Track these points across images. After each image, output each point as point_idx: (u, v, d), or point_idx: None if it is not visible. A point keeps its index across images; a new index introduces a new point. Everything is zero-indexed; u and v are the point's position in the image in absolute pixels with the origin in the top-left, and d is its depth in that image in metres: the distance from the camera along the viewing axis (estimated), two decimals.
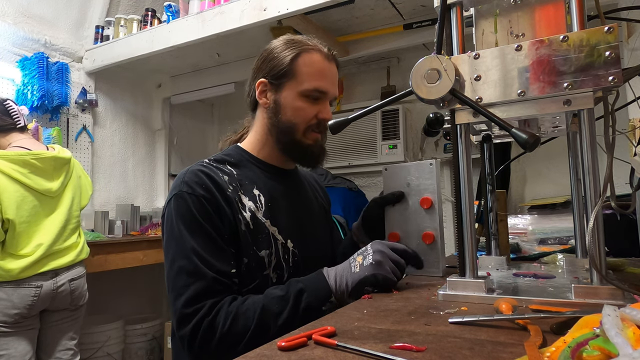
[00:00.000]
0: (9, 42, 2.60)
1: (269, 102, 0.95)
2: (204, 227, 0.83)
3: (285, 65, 0.91)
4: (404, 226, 0.98)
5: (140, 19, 2.88)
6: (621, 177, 1.03)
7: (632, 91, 0.98)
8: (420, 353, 0.46)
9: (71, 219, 1.96)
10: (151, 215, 3.17)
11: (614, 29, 0.61)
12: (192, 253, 0.81)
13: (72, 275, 1.91)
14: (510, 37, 0.73)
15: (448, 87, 0.68)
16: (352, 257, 0.82)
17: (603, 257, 0.62)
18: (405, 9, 2.55)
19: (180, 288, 0.80)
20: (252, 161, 0.98)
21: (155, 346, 3.02)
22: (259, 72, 0.96)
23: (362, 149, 3.20)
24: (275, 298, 0.78)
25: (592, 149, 0.63)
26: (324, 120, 0.93)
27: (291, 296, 0.78)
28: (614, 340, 0.31)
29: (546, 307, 0.60)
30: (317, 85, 0.92)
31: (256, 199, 0.91)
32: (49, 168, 1.87)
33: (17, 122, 1.92)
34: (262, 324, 0.76)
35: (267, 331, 0.75)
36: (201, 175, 0.87)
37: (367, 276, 0.77)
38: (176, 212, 0.85)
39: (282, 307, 0.77)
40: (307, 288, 0.79)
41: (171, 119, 3.68)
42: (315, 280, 0.81)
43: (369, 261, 0.79)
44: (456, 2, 0.73)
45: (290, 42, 0.94)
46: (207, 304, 0.79)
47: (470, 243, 0.71)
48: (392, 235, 0.99)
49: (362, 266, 0.79)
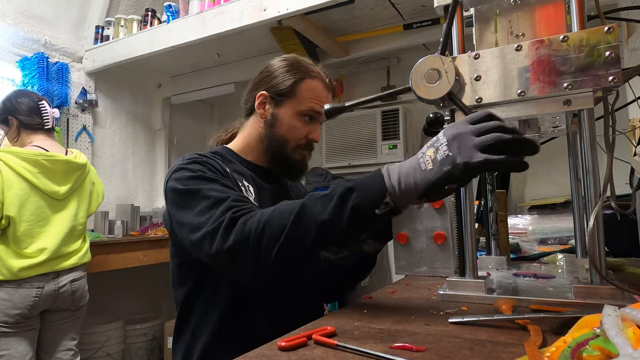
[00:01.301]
0: (9, 42, 2.60)
1: (267, 114, 0.99)
2: (212, 177, 0.83)
3: (288, 85, 0.96)
4: (413, 226, 0.94)
5: (140, 19, 2.88)
6: (621, 177, 1.03)
7: (632, 91, 0.98)
8: (420, 353, 0.46)
9: (77, 225, 1.95)
10: (151, 215, 3.17)
11: (613, 29, 0.61)
12: (206, 194, 0.78)
13: (74, 276, 1.91)
14: (510, 37, 0.73)
15: (447, 88, 0.68)
16: (420, 150, 0.64)
17: (603, 257, 0.62)
18: (405, 9, 2.55)
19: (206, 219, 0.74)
20: (240, 161, 1.01)
21: (155, 346, 3.02)
22: (261, 84, 1.00)
23: (362, 149, 3.20)
24: (319, 197, 0.68)
25: (592, 149, 0.63)
26: (313, 141, 0.99)
27: (336, 194, 0.65)
28: (614, 340, 0.31)
29: (546, 307, 0.60)
30: (314, 106, 0.97)
31: (246, 189, 0.94)
32: (60, 171, 1.87)
33: (46, 123, 1.94)
34: (300, 221, 0.66)
35: (308, 230, 0.65)
36: (198, 155, 0.90)
37: (444, 173, 0.59)
38: (179, 181, 0.83)
39: (324, 206, 0.65)
40: (357, 186, 0.65)
41: (171, 119, 3.68)
42: (369, 178, 0.67)
43: (445, 153, 0.59)
44: (456, 2, 0.73)
45: (297, 64, 0.99)
46: (233, 211, 0.72)
47: (470, 243, 0.71)
48: (400, 235, 0.96)
49: (436, 160, 0.60)
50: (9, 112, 1.90)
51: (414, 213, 0.93)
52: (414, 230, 0.94)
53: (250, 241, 0.67)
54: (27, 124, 1.91)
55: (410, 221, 0.94)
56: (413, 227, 0.94)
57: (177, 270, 0.94)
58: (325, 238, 0.66)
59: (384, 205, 0.63)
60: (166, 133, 3.63)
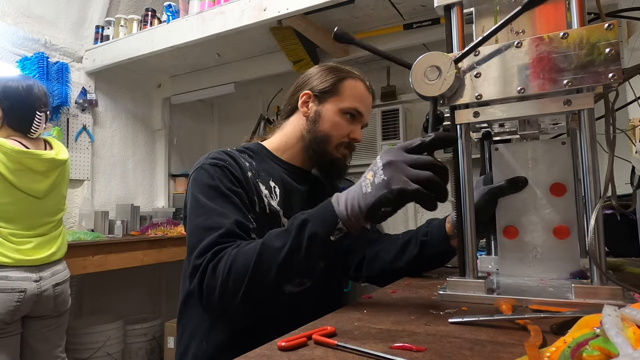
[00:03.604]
0: (9, 42, 2.60)
1: (310, 111, 1.01)
2: (224, 191, 0.84)
3: (331, 84, 1.00)
4: (525, 218, 0.81)
5: (140, 19, 2.88)
6: (620, 177, 1.03)
7: (632, 91, 0.98)
8: (420, 353, 0.46)
9: (55, 215, 1.89)
10: (151, 215, 3.17)
11: (613, 25, 0.60)
12: (210, 211, 0.81)
13: (57, 280, 1.85)
14: (510, 34, 0.73)
15: (445, 87, 0.68)
16: (363, 175, 0.68)
17: (603, 257, 0.62)
18: (405, 9, 2.55)
19: (194, 244, 0.79)
20: (271, 158, 1.02)
21: (155, 346, 3.02)
22: (303, 86, 1.03)
23: (362, 149, 3.20)
24: (278, 233, 0.72)
25: (592, 149, 0.63)
26: (355, 140, 1.01)
27: (294, 228, 0.70)
28: (614, 340, 0.31)
29: (546, 307, 0.60)
30: (357, 105, 1.00)
31: (272, 189, 0.94)
32: (42, 169, 1.80)
33: (32, 133, 1.83)
34: (262, 261, 0.69)
35: (269, 269, 0.69)
36: (224, 155, 0.92)
37: (380, 196, 0.63)
38: (197, 183, 0.87)
39: (284, 240, 0.69)
40: (311, 217, 0.70)
41: (171, 119, 3.68)
42: (321, 208, 0.71)
43: (380, 176, 0.64)
44: (456, 2, 0.73)
45: (337, 67, 1.04)
46: (214, 250, 0.76)
47: (470, 243, 0.71)
48: (508, 229, 0.82)
49: (374, 184, 0.64)
50: (2, 99, 1.77)
51: (526, 202, 0.81)
52: (526, 223, 0.81)
53: (217, 286, 0.72)
54: (12, 126, 1.81)
55: (522, 212, 0.81)
56: (525, 219, 0.81)
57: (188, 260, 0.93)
58: (287, 272, 0.70)
59: (337, 232, 0.68)
60: (166, 133, 3.63)
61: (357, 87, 1.01)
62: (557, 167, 0.80)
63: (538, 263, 0.80)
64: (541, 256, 0.79)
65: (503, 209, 0.83)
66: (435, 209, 0.62)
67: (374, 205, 0.64)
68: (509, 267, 0.82)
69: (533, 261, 0.80)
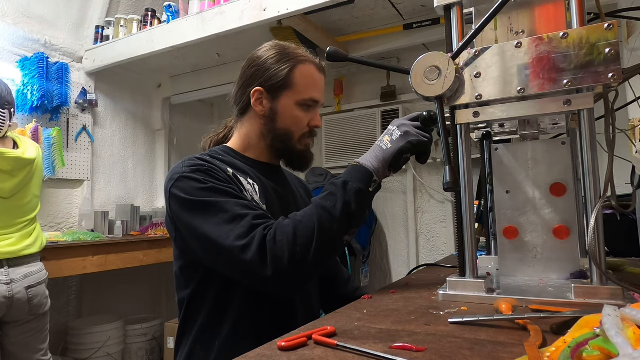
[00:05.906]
0: (9, 42, 2.60)
1: (265, 109, 0.97)
2: (222, 189, 0.83)
3: (283, 77, 0.96)
4: (525, 218, 0.81)
5: (140, 19, 2.88)
6: (620, 177, 1.03)
7: (632, 91, 0.98)
8: (420, 353, 0.46)
9: (27, 215, 1.85)
10: (151, 215, 3.17)
11: (613, 25, 0.60)
12: (223, 206, 0.80)
13: (30, 282, 1.79)
14: (510, 34, 0.73)
15: (447, 86, 0.68)
16: (378, 140, 0.86)
17: (603, 257, 0.62)
18: (405, 9, 2.55)
19: (227, 232, 0.78)
20: (240, 159, 1.00)
21: (155, 346, 3.02)
22: (253, 79, 0.99)
23: (362, 149, 3.20)
24: (323, 197, 0.81)
25: (592, 149, 0.63)
26: (316, 127, 1.00)
27: (338, 190, 0.80)
28: (614, 340, 0.31)
29: (546, 307, 0.60)
30: (312, 95, 0.97)
31: (251, 186, 0.93)
32: (7, 168, 1.76)
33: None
34: (323, 221, 0.77)
35: (332, 225, 0.77)
36: (200, 160, 0.89)
37: (402, 146, 0.82)
38: (187, 192, 0.83)
39: (334, 200, 0.79)
40: (349, 178, 0.81)
41: (171, 119, 3.68)
42: (352, 171, 0.83)
43: (398, 134, 0.83)
44: (456, 2, 0.73)
45: (284, 53, 0.98)
46: (260, 229, 0.77)
47: (470, 243, 0.71)
48: (508, 229, 0.82)
49: (393, 140, 0.83)
50: None
51: (526, 201, 0.82)
52: (526, 223, 0.81)
53: (286, 253, 0.75)
54: None
55: (522, 211, 0.81)
56: (524, 219, 0.81)
57: (181, 273, 0.93)
58: (346, 224, 0.79)
59: (373, 183, 0.82)
60: (166, 133, 3.62)
61: (310, 72, 0.98)
62: (557, 167, 0.80)
63: (538, 263, 0.79)
64: (541, 256, 0.79)
65: (503, 208, 0.83)
66: (425, 163, 0.85)
67: (397, 154, 0.82)
68: (509, 267, 0.82)
69: (533, 261, 0.80)
